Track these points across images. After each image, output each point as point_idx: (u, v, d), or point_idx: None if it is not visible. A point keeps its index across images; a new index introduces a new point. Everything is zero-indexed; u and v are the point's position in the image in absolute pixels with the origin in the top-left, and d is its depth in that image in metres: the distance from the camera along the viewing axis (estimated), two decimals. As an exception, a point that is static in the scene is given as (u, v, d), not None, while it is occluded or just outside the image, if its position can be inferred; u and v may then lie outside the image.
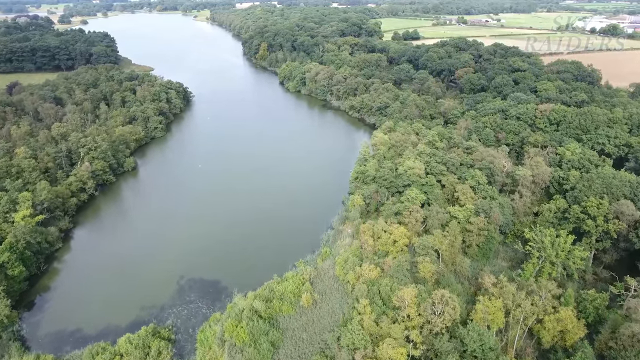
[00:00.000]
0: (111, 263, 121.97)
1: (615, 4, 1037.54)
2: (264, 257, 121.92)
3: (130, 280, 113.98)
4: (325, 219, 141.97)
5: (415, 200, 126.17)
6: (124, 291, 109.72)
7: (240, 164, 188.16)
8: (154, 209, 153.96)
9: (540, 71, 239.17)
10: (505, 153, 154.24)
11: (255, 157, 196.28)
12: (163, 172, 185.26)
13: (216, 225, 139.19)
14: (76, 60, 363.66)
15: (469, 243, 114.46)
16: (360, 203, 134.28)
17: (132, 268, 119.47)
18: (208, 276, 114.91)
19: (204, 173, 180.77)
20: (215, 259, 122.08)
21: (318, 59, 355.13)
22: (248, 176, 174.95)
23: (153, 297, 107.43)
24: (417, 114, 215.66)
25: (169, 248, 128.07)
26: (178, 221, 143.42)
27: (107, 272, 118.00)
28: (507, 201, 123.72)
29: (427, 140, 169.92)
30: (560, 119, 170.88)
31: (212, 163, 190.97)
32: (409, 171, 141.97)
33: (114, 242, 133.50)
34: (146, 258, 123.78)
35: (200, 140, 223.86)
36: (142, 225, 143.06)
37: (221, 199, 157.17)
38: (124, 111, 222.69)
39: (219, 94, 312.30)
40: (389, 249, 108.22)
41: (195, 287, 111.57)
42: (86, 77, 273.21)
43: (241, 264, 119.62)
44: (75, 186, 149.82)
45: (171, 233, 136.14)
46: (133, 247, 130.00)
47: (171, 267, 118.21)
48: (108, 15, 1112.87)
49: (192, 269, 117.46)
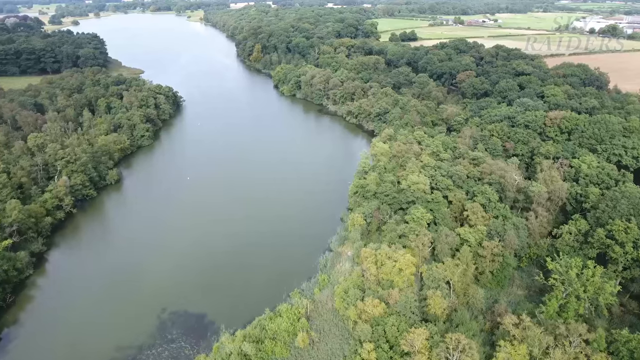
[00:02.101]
0: (87, 292, 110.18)
1: (611, 4, 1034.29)
2: (255, 285, 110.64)
3: (106, 314, 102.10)
4: (323, 238, 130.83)
5: (421, 220, 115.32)
6: (98, 327, 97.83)
7: (231, 175, 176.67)
8: (137, 228, 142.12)
9: (545, 75, 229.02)
10: (515, 166, 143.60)
11: (246, 167, 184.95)
12: (149, 185, 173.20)
13: (204, 248, 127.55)
14: (62, 63, 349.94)
15: (481, 270, 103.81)
16: (361, 223, 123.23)
17: (110, 298, 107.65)
18: (193, 308, 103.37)
19: (193, 185, 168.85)
20: (201, 287, 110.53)
21: (314, 62, 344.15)
22: (239, 189, 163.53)
23: (131, 334, 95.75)
24: (418, 120, 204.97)
25: (152, 274, 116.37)
26: (163, 243, 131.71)
27: (81, 303, 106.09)
28: (522, 221, 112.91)
29: (431, 150, 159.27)
30: (572, 128, 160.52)
31: (201, 174, 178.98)
32: (413, 186, 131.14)
33: (91, 267, 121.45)
34: (126, 286, 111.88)
35: (189, 148, 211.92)
36: (123, 247, 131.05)
37: (209, 216, 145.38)
38: (109, 118, 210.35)
39: (211, 98, 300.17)
40: (394, 278, 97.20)
41: (178, 321, 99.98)
42: (71, 82, 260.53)
43: (230, 293, 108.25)
44: (51, 203, 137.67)
45: (154, 257, 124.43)
46: (112, 272, 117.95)
47: (153, 298, 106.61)
48: (100, 15, 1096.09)
49: (176, 299, 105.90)
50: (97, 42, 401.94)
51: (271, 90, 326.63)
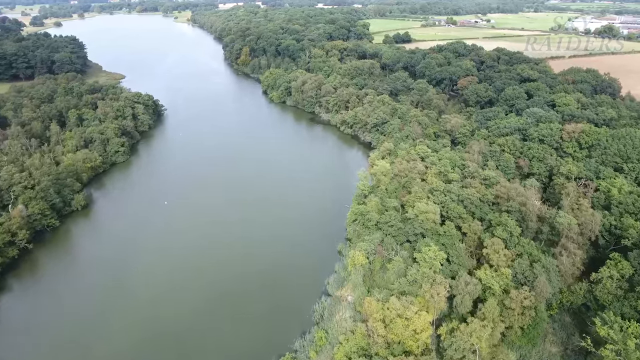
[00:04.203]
0: (45, 343, 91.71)
1: (600, 3, 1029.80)
2: (236, 345, 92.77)
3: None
4: (319, 276, 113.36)
5: (434, 262, 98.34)
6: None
7: (213, 196, 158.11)
8: (104, 264, 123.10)
9: (553, 81, 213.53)
10: (535, 189, 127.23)
11: (231, 185, 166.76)
12: (121, 210, 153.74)
13: (176, 295, 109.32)
14: (36, 68, 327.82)
15: (509, 324, 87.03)
16: (363, 262, 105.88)
17: (73, 350, 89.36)
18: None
19: (171, 211, 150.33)
20: (173, 348, 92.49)
21: (304, 66, 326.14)
22: (220, 215, 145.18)
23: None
24: (420, 132, 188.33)
25: (115, 330, 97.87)
26: (132, 284, 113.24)
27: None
28: (553, 262, 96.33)
29: (437, 169, 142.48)
30: (593, 143, 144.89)
31: (181, 195, 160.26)
32: (421, 216, 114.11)
33: (45, 319, 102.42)
34: (91, 336, 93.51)
35: (169, 164, 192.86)
36: (88, 288, 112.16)
37: (185, 251, 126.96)
38: (79, 132, 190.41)
39: (196, 105, 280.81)
40: (408, 342, 79.96)
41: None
42: (41, 90, 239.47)
43: (205, 358, 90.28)
44: (1, 239, 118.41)
45: (124, 303, 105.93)
46: (70, 326, 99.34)
47: (117, 355, 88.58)
48: (85, 16, 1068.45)
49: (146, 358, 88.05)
50: (75, 46, 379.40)
51: (260, 96, 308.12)
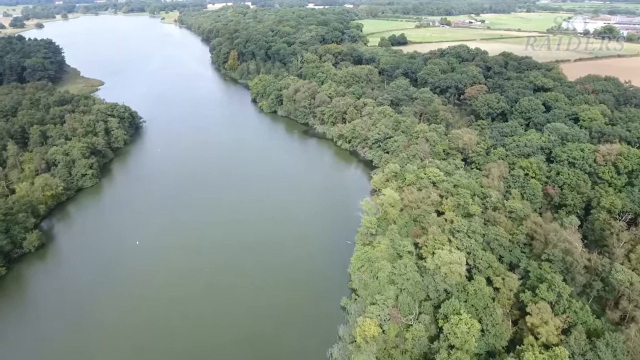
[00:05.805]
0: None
1: (591, 3, 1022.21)
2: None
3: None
4: (319, 347, 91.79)
5: (467, 336, 77.46)
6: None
7: (190, 232, 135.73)
8: (60, 321, 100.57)
9: (570, 90, 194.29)
10: (574, 228, 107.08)
11: (214, 213, 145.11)
12: (84, 249, 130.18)
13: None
14: (5, 76, 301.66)
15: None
16: (375, 333, 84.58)
17: None
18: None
19: (143, 251, 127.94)
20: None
21: (296, 71, 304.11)
22: (197, 260, 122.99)
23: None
24: (428, 150, 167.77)
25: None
26: (95, 343, 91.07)
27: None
28: (618, 339, 75.78)
29: (456, 201, 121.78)
30: (635, 168, 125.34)
31: (155, 231, 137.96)
32: (444, 268, 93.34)
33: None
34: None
35: (144, 187, 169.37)
36: (39, 349, 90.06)
37: (157, 303, 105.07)
38: (41, 152, 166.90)
39: (178, 116, 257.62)
40: None
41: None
42: (4, 102, 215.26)
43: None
44: None
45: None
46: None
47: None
48: (68, 17, 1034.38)
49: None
50: (49, 50, 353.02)
51: (249, 104, 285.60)
